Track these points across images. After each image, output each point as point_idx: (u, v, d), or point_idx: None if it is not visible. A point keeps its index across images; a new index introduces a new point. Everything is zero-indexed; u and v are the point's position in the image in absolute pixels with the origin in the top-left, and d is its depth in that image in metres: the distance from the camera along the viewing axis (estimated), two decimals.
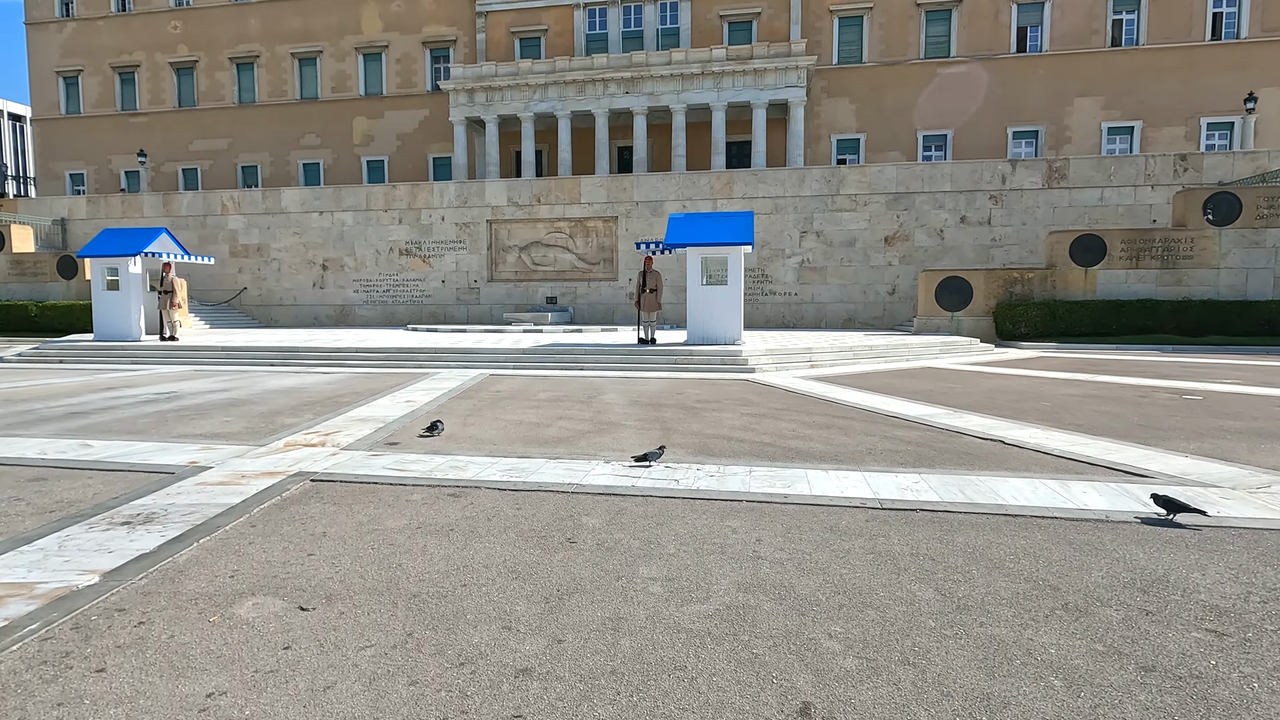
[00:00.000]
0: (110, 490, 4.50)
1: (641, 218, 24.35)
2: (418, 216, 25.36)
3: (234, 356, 13.46)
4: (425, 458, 5.40)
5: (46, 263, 23.35)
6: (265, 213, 26.05)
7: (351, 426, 6.72)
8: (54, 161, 40.97)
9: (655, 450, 5.18)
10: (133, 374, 11.69)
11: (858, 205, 23.43)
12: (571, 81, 33.67)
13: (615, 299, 24.60)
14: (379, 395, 8.89)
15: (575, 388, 9.76)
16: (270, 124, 38.35)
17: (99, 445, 5.87)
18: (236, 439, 6.18)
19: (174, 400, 8.55)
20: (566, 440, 6.16)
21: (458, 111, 34.38)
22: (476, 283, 25.24)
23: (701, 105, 33.36)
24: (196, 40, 38.90)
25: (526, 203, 24.86)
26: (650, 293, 13.76)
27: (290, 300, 26.09)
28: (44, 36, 40.44)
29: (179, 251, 15.75)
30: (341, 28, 37.88)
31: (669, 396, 8.89)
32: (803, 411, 7.63)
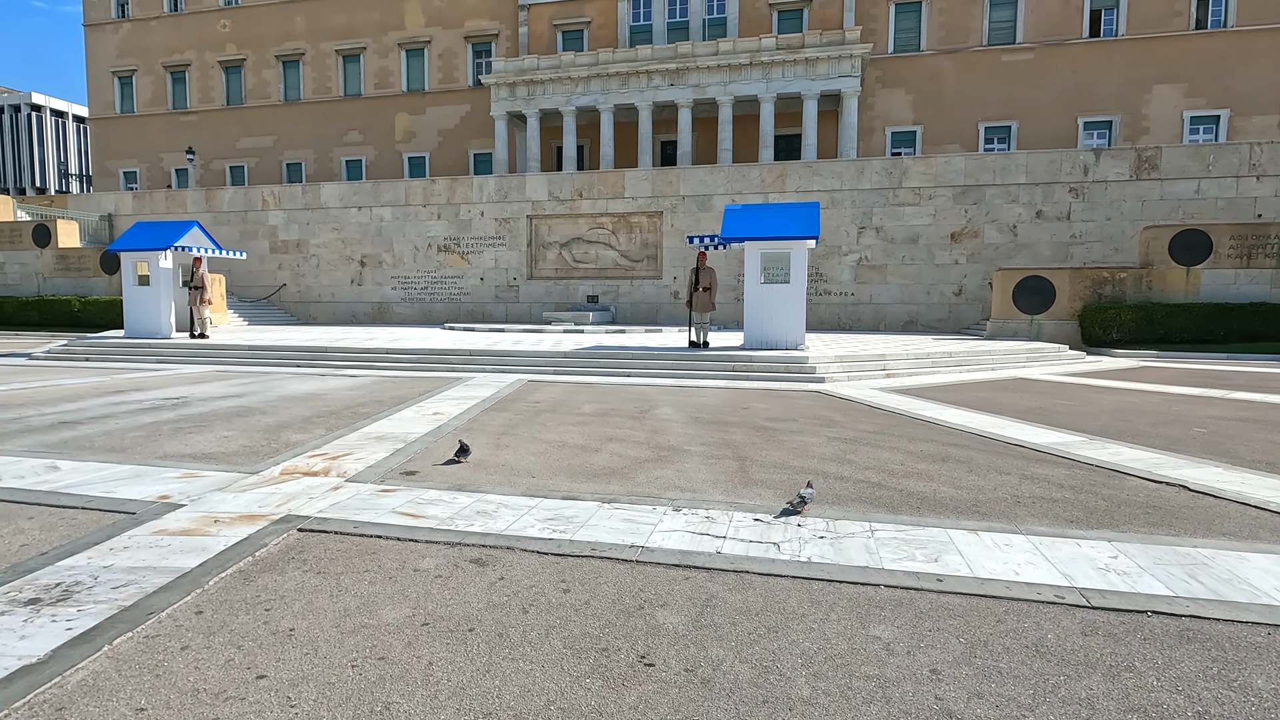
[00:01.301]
0: (44, 539, 3.50)
1: (688, 212, 23.10)
2: (456, 212, 24.59)
3: (260, 357, 12.71)
4: (447, 496, 4.29)
5: (90, 258, 23.29)
6: (305, 208, 25.63)
7: (365, 447, 5.68)
8: (109, 160, 41.74)
9: (797, 500, 3.95)
10: (151, 375, 10.98)
11: (921, 199, 21.76)
12: (614, 74, 32.64)
13: (659, 298, 23.42)
14: (403, 405, 7.88)
15: (623, 399, 8.60)
16: (314, 121, 38.30)
17: (67, 468, 4.93)
18: (228, 461, 5.19)
19: (179, 407, 7.68)
20: (620, 472, 4.99)
21: (499, 106, 33.68)
22: (515, 280, 24.35)
23: (749, 97, 31.97)
24: (244, 38, 39.09)
25: (568, 197, 23.85)
26: (703, 291, 12.52)
27: (328, 297, 25.62)
28: (101, 38, 41.21)
29: (210, 245, 15.15)
30: (385, 23, 37.58)
31: (733, 412, 7.66)
32: (902, 436, 6.31)
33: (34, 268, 23.88)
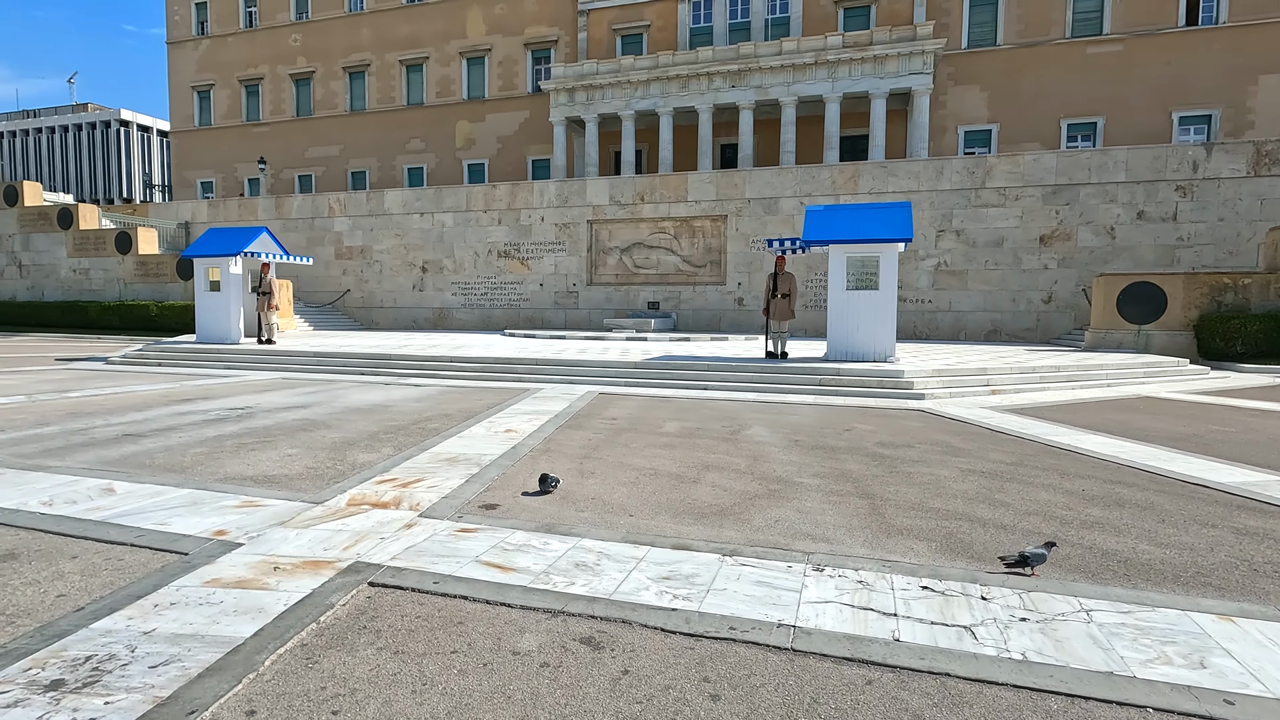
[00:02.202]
0: (84, 587, 3.00)
1: (753, 216, 22.25)
2: (517, 217, 24.38)
3: (325, 364, 12.51)
4: (537, 540, 3.65)
5: (167, 264, 23.99)
6: (369, 214, 25.89)
7: (438, 471, 5.11)
8: (187, 170, 43.56)
9: (1038, 552, 3.17)
10: (218, 382, 10.84)
11: (1007, 200, 20.34)
12: (675, 76, 32.10)
13: (722, 304, 22.62)
14: (473, 420, 7.34)
15: (707, 416, 7.87)
16: (378, 130, 39.02)
17: (123, 491, 4.51)
18: (291, 486, 4.69)
19: (243, 419, 7.34)
20: (731, 512, 4.26)
21: (558, 112, 33.56)
22: (575, 286, 23.93)
23: (813, 98, 30.93)
24: (314, 51, 40.18)
25: (629, 201, 23.32)
26: (782, 299, 11.68)
27: (390, 302, 25.78)
28: (182, 54, 43.09)
29: (278, 251, 15.16)
30: (447, 33, 38.02)
31: (835, 434, 6.83)
32: (1048, 470, 5.38)
33: (116, 273, 24.77)
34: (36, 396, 8.92)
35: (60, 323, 24.20)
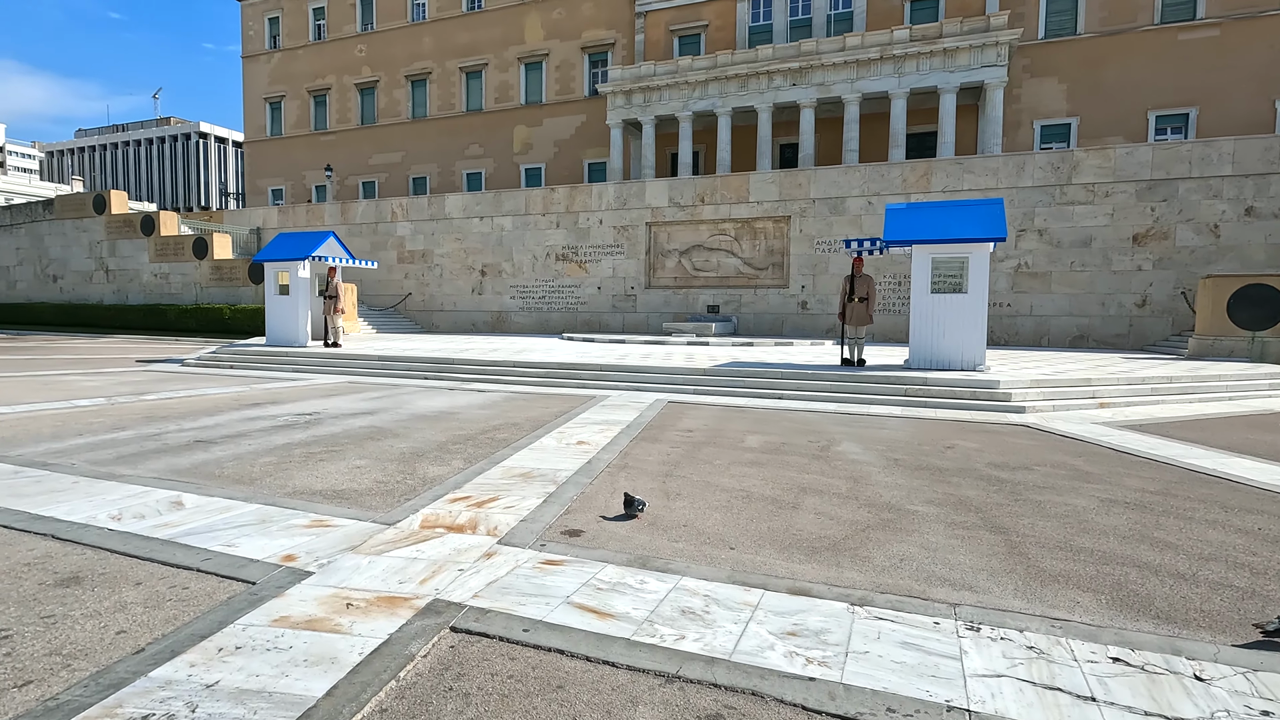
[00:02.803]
0: (146, 621, 2.72)
1: (818, 216, 21.45)
2: (575, 220, 24.22)
3: (389, 368, 12.47)
4: (632, 578, 3.22)
5: (240, 269, 24.78)
6: (430, 219, 26.20)
7: (513, 489, 4.76)
8: (259, 178, 45.32)
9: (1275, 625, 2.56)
10: (287, 386, 10.88)
11: (1096, 196, 18.99)
12: (733, 76, 31.51)
13: (785, 308, 21.88)
14: (542, 430, 7.00)
15: (789, 429, 7.32)
16: (438, 136, 39.69)
17: (191, 505, 4.31)
18: (361, 504, 4.41)
19: (311, 426, 7.19)
20: (844, 546, 3.74)
21: (615, 114, 33.39)
22: (633, 289, 23.59)
23: (878, 94, 29.87)
24: (378, 61, 41.19)
25: (689, 203, 22.85)
26: (859, 302, 10.99)
27: (450, 305, 26.00)
28: (255, 68, 44.87)
29: (345, 255, 15.31)
30: (506, 39, 38.39)
31: (936, 452, 6.20)
32: (1208, 502, 4.64)
33: (193, 278, 25.76)
34: (115, 399, 9.06)
35: (142, 325, 25.30)
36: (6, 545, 3.57)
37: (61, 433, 6.69)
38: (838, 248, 21.24)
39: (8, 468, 5.21)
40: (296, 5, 43.18)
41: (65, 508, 4.19)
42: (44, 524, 3.90)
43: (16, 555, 3.44)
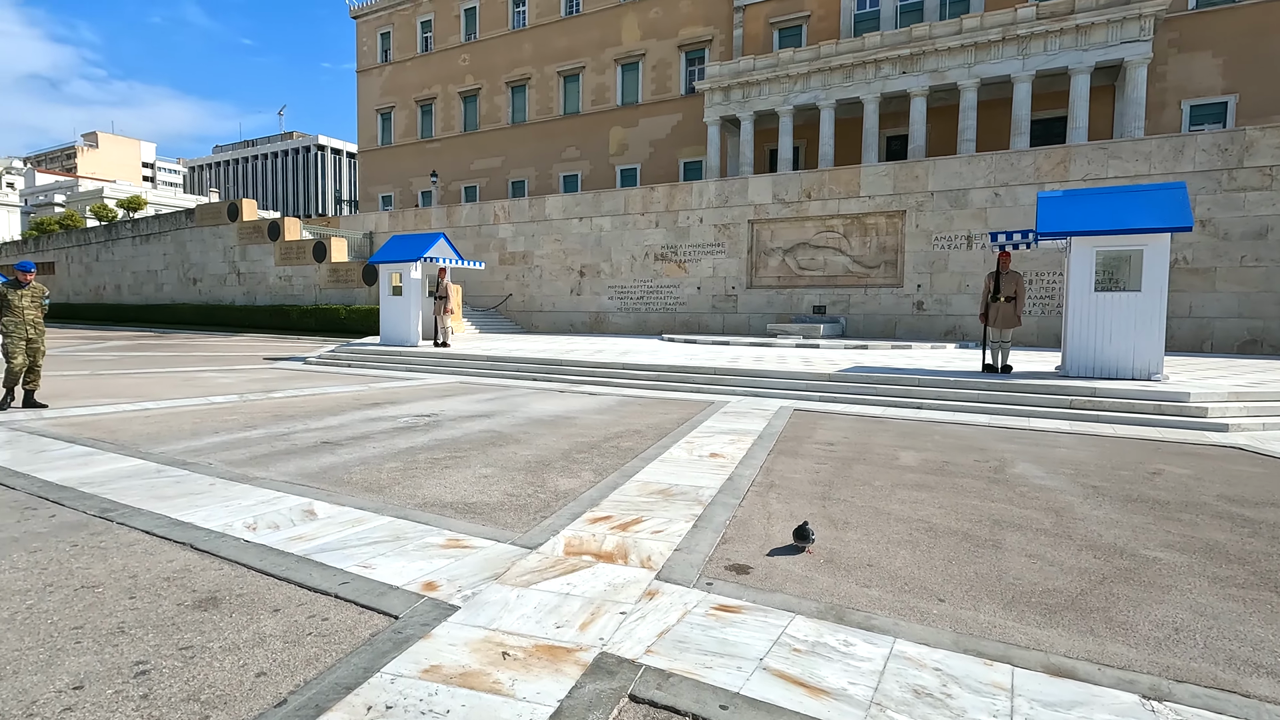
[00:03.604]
0: (286, 661, 2.40)
1: (937, 210, 19.94)
2: (675, 219, 23.75)
3: (498, 368, 12.42)
4: (831, 636, 2.62)
5: (354, 271, 25.97)
6: (530, 220, 26.50)
7: (655, 509, 4.26)
8: (370, 186, 47.81)
9: None
10: (402, 385, 10.98)
11: (1275, 181, 16.57)
12: (838, 67, 30.13)
13: (898, 309, 20.49)
14: (668, 439, 6.50)
15: (944, 444, 6.47)
16: (536, 140, 40.37)
17: (323, 515, 4.08)
18: (495, 520, 4.04)
19: (431, 428, 7.03)
20: (1083, 603, 2.98)
21: (712, 111, 32.74)
22: (734, 289, 22.85)
23: (999, 78, 27.70)
24: (480, 69, 42.42)
25: (794, 199, 21.86)
26: (1006, 302, 9.82)
27: (549, 306, 26.19)
28: (368, 81, 47.35)
29: (454, 256, 15.52)
30: (603, 41, 38.55)
31: (1140, 479, 5.20)
32: None
33: (313, 280, 27.26)
34: (247, 396, 9.37)
35: (268, 324, 27.03)
36: (148, 555, 3.42)
37: (199, 430, 6.83)
38: (959, 243, 19.69)
39: (152, 466, 5.25)
40: (406, 19, 45.20)
41: (203, 513, 4.07)
42: (183, 531, 3.76)
43: (157, 568, 3.26)
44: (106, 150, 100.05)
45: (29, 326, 7.85)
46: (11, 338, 7.74)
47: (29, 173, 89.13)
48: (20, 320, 7.80)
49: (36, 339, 7.91)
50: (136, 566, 3.27)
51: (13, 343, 7.75)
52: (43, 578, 3.12)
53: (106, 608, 2.82)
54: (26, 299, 7.87)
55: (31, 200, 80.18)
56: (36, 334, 7.91)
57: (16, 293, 7.82)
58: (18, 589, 3.00)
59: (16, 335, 7.76)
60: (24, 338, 7.81)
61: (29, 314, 7.86)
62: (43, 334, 8.02)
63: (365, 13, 46.88)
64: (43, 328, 8.03)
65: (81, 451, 5.73)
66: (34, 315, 7.90)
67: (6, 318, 7.77)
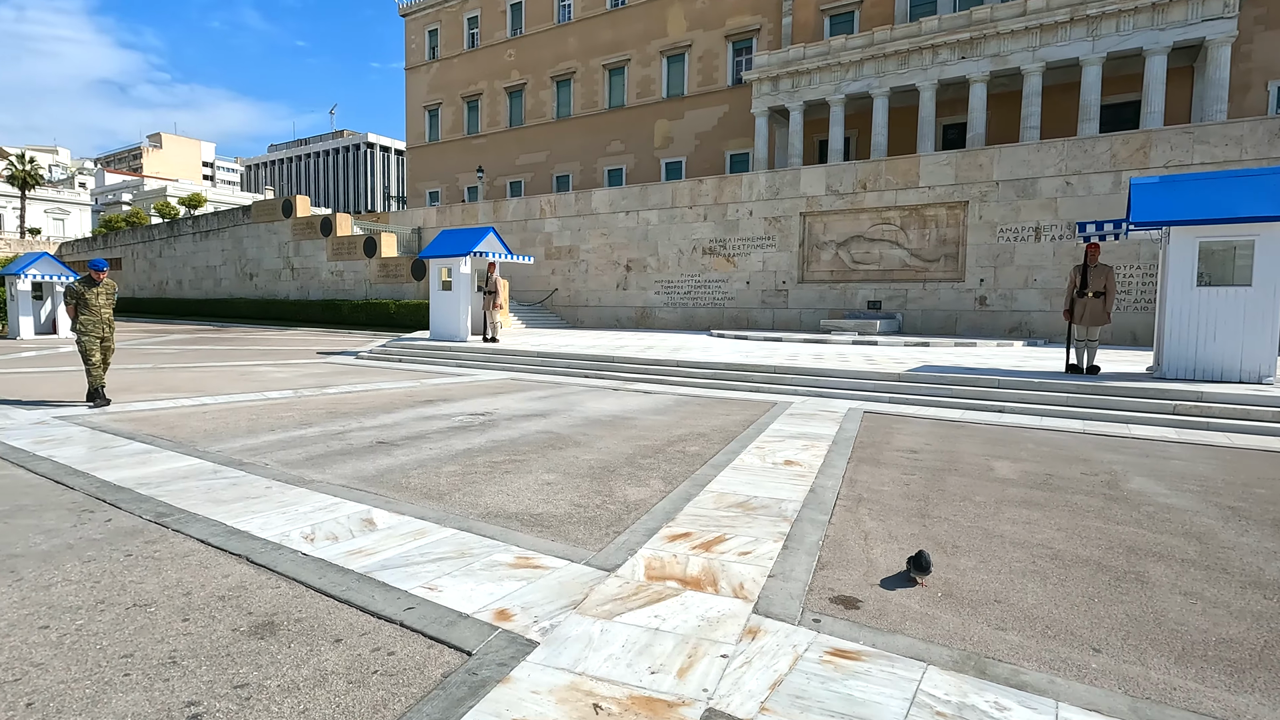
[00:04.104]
0: (351, 712, 2.11)
1: (1003, 201, 18.96)
2: (724, 212, 23.21)
3: (548, 364, 12.19)
4: (979, 699, 2.20)
5: (404, 266, 26.20)
6: (577, 214, 26.29)
7: (737, 525, 3.88)
8: (418, 182, 48.42)
9: None
10: (453, 382, 10.83)
11: None
12: (892, 53, 29.10)
13: (959, 304, 19.58)
14: (736, 443, 6.11)
15: (1042, 454, 5.91)
16: (581, 134, 40.19)
17: (383, 525, 3.83)
18: (564, 534, 3.72)
19: (487, 428, 6.79)
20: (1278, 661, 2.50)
21: (760, 102, 32.01)
22: (785, 284, 22.22)
23: (1065, 62, 26.34)
24: (526, 64, 42.43)
25: (848, 190, 21.09)
26: (1094, 297, 9.09)
27: (594, 301, 25.96)
28: (416, 78, 47.90)
29: (503, 251, 15.36)
30: (648, 33, 38.10)
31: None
32: None
33: (363, 275, 27.62)
34: (301, 392, 9.32)
35: (320, 319, 27.51)
36: (203, 569, 3.20)
37: (255, 427, 6.73)
38: (1026, 235, 18.69)
39: (208, 466, 5.11)
40: (453, 16, 45.52)
41: (259, 521, 3.86)
42: (239, 541, 3.54)
43: (212, 583, 3.03)
44: (170, 150, 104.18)
45: (104, 325, 7.97)
46: (89, 335, 7.84)
47: (99, 173, 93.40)
48: (97, 319, 7.90)
49: (109, 336, 8.04)
50: (191, 581, 3.05)
51: (90, 340, 7.85)
52: (95, 593, 2.92)
53: (159, 631, 2.59)
54: (101, 297, 7.96)
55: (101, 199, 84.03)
56: (110, 331, 8.05)
57: (92, 290, 7.91)
58: (69, 605, 2.80)
59: (93, 334, 7.87)
60: (99, 336, 7.92)
61: (104, 312, 7.98)
62: (113, 330, 8.14)
63: (413, 10, 47.39)
64: (114, 324, 8.15)
65: (140, 449, 5.66)
66: (108, 313, 8.03)
67: (84, 316, 7.85)
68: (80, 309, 7.85)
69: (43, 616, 2.69)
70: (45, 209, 70.86)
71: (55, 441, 5.94)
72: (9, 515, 3.96)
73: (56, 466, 5.05)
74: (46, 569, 3.17)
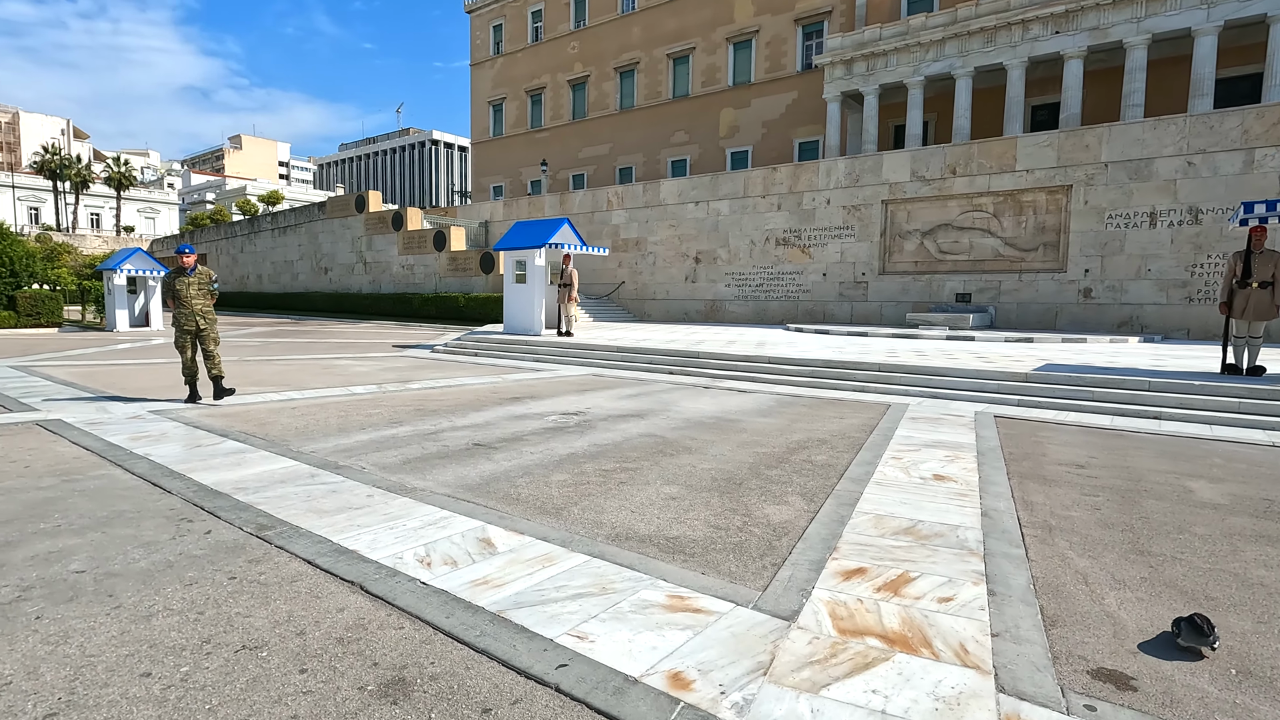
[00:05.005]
0: None
1: (1113, 184, 17.39)
2: (799, 201, 22.24)
3: (628, 360, 11.70)
4: None
5: (472, 259, 26.27)
6: (644, 205, 25.75)
7: (916, 559, 3.25)
8: (482, 177, 48.89)
9: None
10: (535, 378, 10.46)
11: None
12: (978, 31, 27.40)
13: (1060, 296, 18.13)
14: (867, 454, 5.43)
15: (1239, 471, 5.00)
16: (645, 125, 39.63)
17: (502, 545, 3.36)
18: (711, 563, 3.16)
19: (584, 430, 6.31)
20: None
21: (832, 87, 30.71)
22: (864, 275, 21.12)
23: (1174, 33, 24.18)
24: (589, 56, 42.12)
25: (935, 176, 19.82)
26: (1259, 288, 7.93)
27: (662, 294, 25.40)
28: (481, 74, 48.29)
29: (578, 242, 14.96)
30: (714, 20, 37.17)
31: None
32: None
33: (433, 268, 27.86)
34: (385, 387, 9.11)
35: (391, 312, 27.92)
36: (314, 599, 2.79)
37: (346, 425, 6.45)
38: (1139, 221, 17.09)
39: (304, 469, 4.79)
40: (517, 11, 45.60)
41: (367, 538, 3.45)
42: (349, 564, 3.13)
43: (326, 620, 2.61)
44: (249, 151, 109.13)
45: (198, 316, 7.45)
46: (180, 330, 7.43)
47: (185, 174, 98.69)
48: (188, 311, 7.41)
49: (206, 327, 7.48)
50: (303, 616, 2.63)
51: (180, 337, 7.44)
52: (199, 628, 2.54)
53: (274, 686, 2.16)
54: (193, 287, 7.43)
55: (187, 198, 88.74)
56: (206, 322, 7.49)
57: (183, 280, 7.41)
58: (173, 644, 2.42)
59: (186, 328, 7.42)
60: (191, 330, 7.42)
61: (196, 303, 7.43)
62: (213, 321, 7.58)
63: (479, 6, 47.74)
64: (212, 315, 7.57)
65: (234, 448, 5.41)
66: (201, 304, 7.46)
67: (176, 310, 7.42)
68: (173, 302, 7.45)
69: (144, 659, 2.31)
70: (138, 208, 75.24)
71: (151, 438, 5.77)
72: (108, 523, 3.69)
73: (153, 467, 4.83)
74: (146, 593, 2.82)
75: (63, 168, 64.67)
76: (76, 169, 65.91)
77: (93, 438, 5.76)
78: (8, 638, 2.43)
